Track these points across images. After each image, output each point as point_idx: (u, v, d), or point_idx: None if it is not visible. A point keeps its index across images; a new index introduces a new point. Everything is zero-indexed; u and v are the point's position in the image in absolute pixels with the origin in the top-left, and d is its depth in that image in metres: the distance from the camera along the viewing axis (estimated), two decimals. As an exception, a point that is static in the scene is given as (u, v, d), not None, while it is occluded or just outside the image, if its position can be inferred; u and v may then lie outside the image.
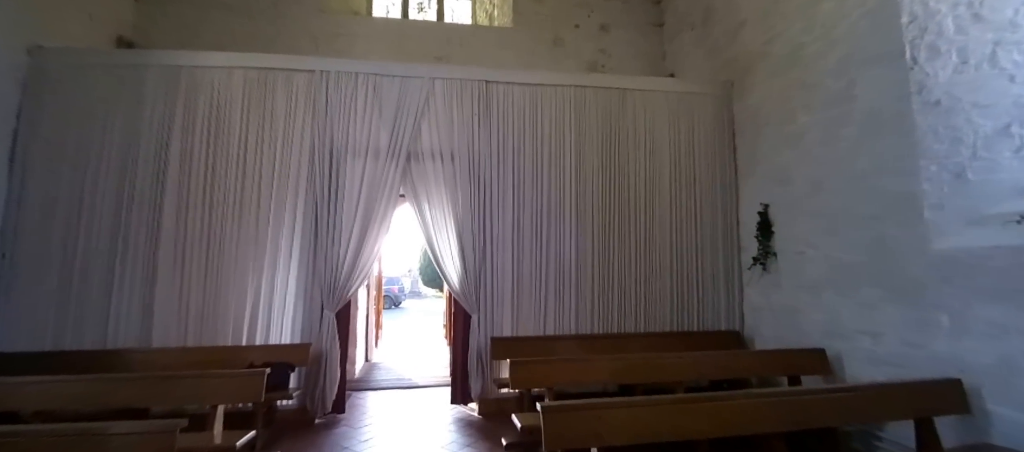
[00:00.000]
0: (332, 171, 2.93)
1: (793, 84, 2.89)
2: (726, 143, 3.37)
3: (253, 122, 2.95)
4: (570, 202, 3.13)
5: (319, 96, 2.98)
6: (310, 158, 2.95)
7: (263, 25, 4.01)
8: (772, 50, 3.07)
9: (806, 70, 2.80)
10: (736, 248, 3.30)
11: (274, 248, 2.87)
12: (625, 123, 3.26)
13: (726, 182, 3.33)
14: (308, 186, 2.93)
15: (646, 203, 3.22)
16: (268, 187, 2.90)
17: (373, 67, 3.04)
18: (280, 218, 2.89)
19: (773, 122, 3.03)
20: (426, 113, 3.06)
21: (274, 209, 2.89)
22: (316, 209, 2.91)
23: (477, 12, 4.87)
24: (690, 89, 3.37)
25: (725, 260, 3.28)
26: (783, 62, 2.97)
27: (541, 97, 3.19)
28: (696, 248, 3.25)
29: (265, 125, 2.96)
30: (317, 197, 2.90)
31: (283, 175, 2.93)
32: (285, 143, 2.96)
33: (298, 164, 2.94)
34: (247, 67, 2.99)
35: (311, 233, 2.91)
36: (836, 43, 2.62)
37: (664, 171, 3.26)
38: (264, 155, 2.93)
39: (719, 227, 3.29)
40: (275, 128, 2.96)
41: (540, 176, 3.12)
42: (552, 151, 3.15)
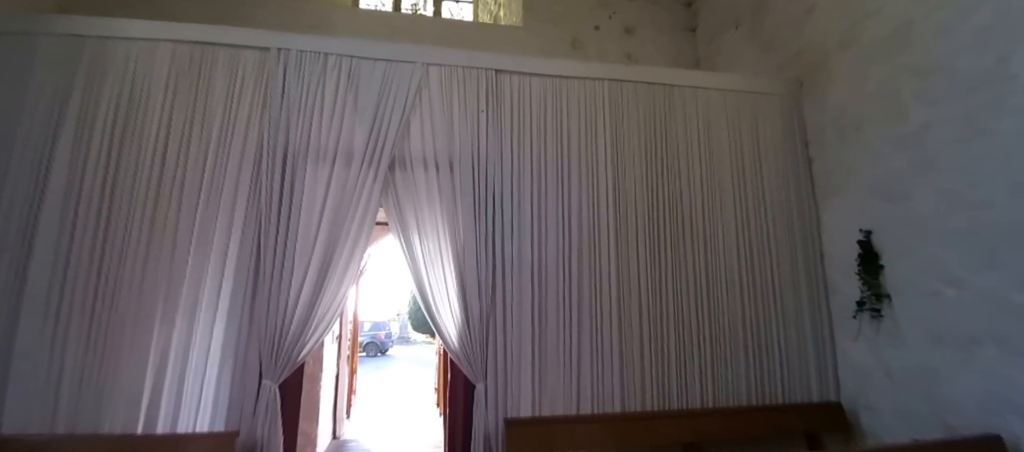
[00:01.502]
0: (285, 180, 2.12)
1: (901, 72, 2.19)
2: (799, 154, 2.64)
3: (179, 113, 2.15)
4: (608, 229, 2.34)
5: (273, 81, 2.21)
6: (255, 162, 2.15)
7: (223, 10, 3.31)
8: (861, 36, 2.40)
9: (920, 53, 2.11)
10: (822, 289, 2.51)
11: (194, 290, 2.00)
12: (673, 128, 2.53)
13: (803, 204, 2.58)
14: (250, 201, 2.11)
15: (705, 231, 2.44)
16: (192, 202, 2.07)
17: (348, 46, 2.30)
18: (206, 246, 2.04)
19: (870, 123, 2.32)
20: (417, 107, 2.30)
21: (198, 234, 2.04)
22: (258, 234, 2.07)
23: (479, 12, 4.24)
24: (751, 87, 2.67)
25: (811, 306, 2.48)
26: (881, 47, 2.29)
27: (567, 93, 2.46)
28: (773, 290, 2.45)
29: (195, 117, 2.16)
30: (261, 217, 2.08)
31: (215, 185, 2.10)
32: (222, 142, 2.15)
33: (238, 171, 2.13)
34: (177, 40, 2.23)
35: (249, 268, 2.05)
36: (969, 11, 1.95)
37: (725, 189, 2.51)
38: (191, 157, 2.11)
39: (800, 262, 2.51)
40: (209, 121, 2.16)
41: (567, 193, 2.34)
42: (582, 160, 2.39)
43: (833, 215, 2.52)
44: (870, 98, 2.32)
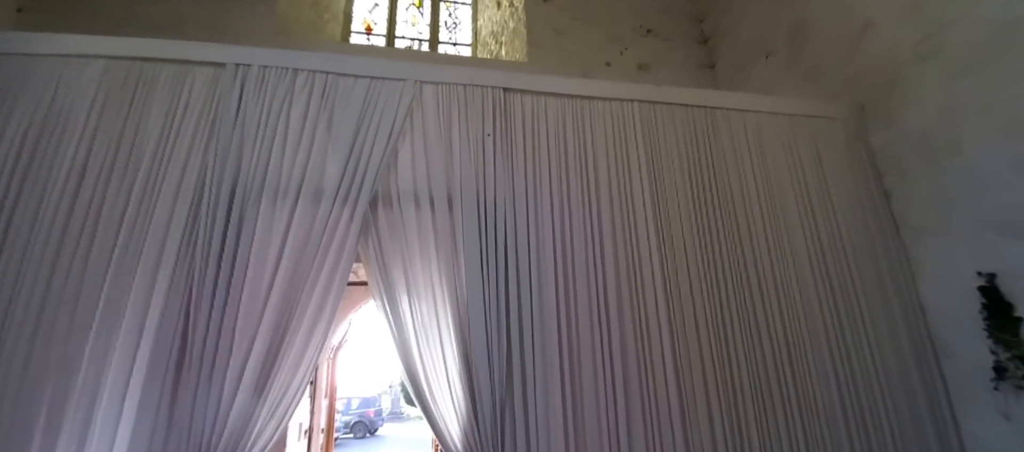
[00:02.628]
0: (230, 224, 1.60)
1: (1013, 80, 1.77)
2: (872, 187, 2.17)
3: (102, 142, 1.67)
4: (654, 279, 1.80)
5: (226, 102, 1.75)
6: (192, 203, 1.63)
7: (199, 13, 2.96)
8: (943, 47, 2.00)
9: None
10: (930, 353, 1.94)
11: (96, 376, 1.43)
12: (721, 156, 2.06)
13: (888, 246, 2.07)
14: (181, 255, 1.57)
15: (776, 279, 1.91)
16: (103, 257, 1.54)
17: (324, 61, 1.87)
18: (114, 320, 1.48)
19: (976, 144, 1.86)
20: (408, 131, 1.83)
21: (107, 302, 1.48)
22: (188, 299, 1.52)
23: (478, 52, 3.95)
24: (807, 111, 2.25)
25: (921, 375, 1.90)
26: (976, 56, 1.88)
27: (590, 115, 2.01)
28: (871, 355, 1.88)
29: (122, 146, 1.67)
30: (194, 275, 1.53)
31: (136, 234, 1.57)
32: (152, 176, 1.65)
33: (168, 214, 1.61)
34: (112, 56, 1.80)
35: (172, 348, 1.48)
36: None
37: (793, 229, 2.00)
38: (108, 198, 1.60)
39: (897, 318, 1.96)
40: (139, 151, 1.68)
41: (598, 233, 1.83)
42: (615, 194, 1.89)
43: (930, 258, 2.00)
44: (971, 115, 1.88)
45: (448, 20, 4.64)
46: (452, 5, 4.68)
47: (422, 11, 4.61)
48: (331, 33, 3.77)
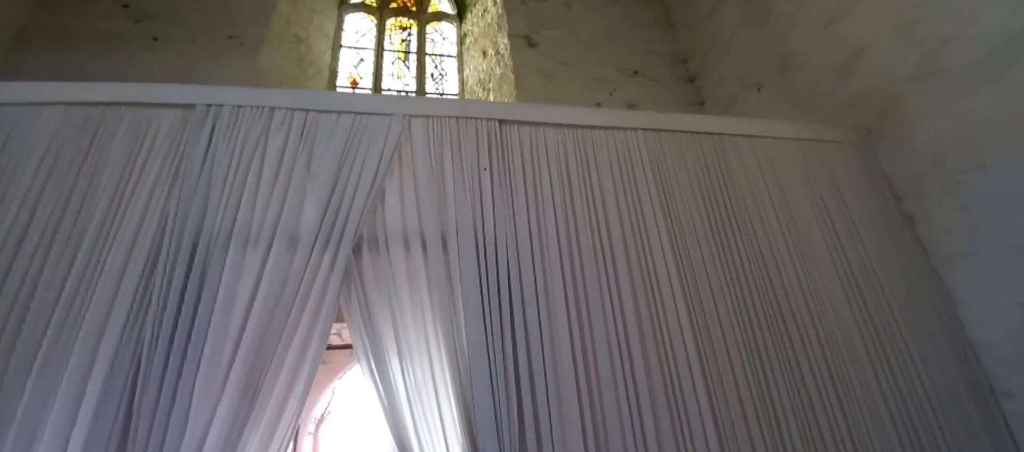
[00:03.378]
0: (190, 279, 1.38)
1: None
2: (896, 213, 2.05)
3: (51, 194, 1.47)
4: (681, 322, 1.59)
5: (194, 144, 1.58)
6: (148, 258, 1.41)
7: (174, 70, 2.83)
8: (943, 64, 1.95)
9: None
10: (989, 395, 1.74)
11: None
12: (734, 185, 1.92)
13: (923, 277, 1.91)
14: (130, 320, 1.32)
15: (812, 315, 1.71)
16: (38, 328, 1.29)
17: (302, 98, 1.72)
18: (42, 404, 1.22)
19: (999, 160, 1.76)
20: (396, 167, 1.67)
21: (36, 382, 1.23)
22: (136, 366, 1.27)
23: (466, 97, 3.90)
24: (817, 135, 2.16)
25: (986, 423, 1.68)
26: (981, 70, 1.82)
27: (593, 144, 1.88)
28: (927, 402, 1.66)
29: (73, 197, 1.47)
30: (143, 345, 1.29)
31: (80, 297, 1.34)
32: (105, 230, 1.44)
33: (119, 273, 1.38)
34: (70, 102, 1.63)
35: (113, 425, 1.22)
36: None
37: (821, 260, 1.83)
38: (52, 257, 1.38)
39: (948, 354, 1.76)
40: (91, 203, 1.48)
41: (612, 272, 1.63)
42: (628, 226, 1.72)
43: (966, 286, 1.84)
44: (988, 130, 1.79)
45: (434, 72, 4.64)
46: (438, 58, 4.70)
47: (408, 64, 4.62)
48: (316, 88, 3.70)
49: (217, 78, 3.00)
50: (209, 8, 3.29)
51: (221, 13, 3.29)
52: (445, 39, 4.80)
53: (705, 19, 3.75)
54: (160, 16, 3.17)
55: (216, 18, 3.26)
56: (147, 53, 3.05)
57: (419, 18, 4.77)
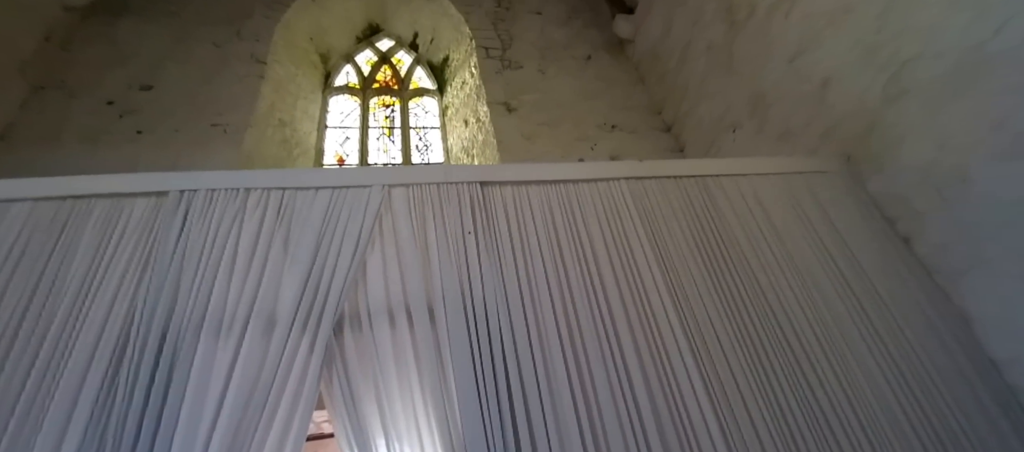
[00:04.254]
0: (158, 371, 1.27)
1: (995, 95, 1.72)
2: (889, 233, 2.01)
3: (12, 296, 1.38)
4: (689, 372, 1.48)
5: (167, 231, 1.52)
6: (114, 355, 1.31)
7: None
8: (913, 83, 2.00)
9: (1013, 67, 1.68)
10: (1016, 409, 1.61)
11: None
12: (725, 225, 1.88)
13: (934, 300, 1.83)
14: (94, 420, 1.21)
15: (823, 347, 1.62)
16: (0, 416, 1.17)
17: (279, 177, 1.70)
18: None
19: (983, 168, 1.75)
20: (377, 238, 1.61)
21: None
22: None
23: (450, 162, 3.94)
24: (798, 168, 2.16)
25: (1021, 437, 1.55)
26: (950, 85, 1.86)
27: (578, 199, 1.85)
28: (956, 424, 1.54)
29: (36, 296, 1.38)
30: (110, 430, 1.17)
31: (40, 404, 1.22)
32: (67, 328, 1.34)
33: (81, 375, 1.27)
34: (39, 198, 1.59)
35: None
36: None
37: (823, 289, 1.75)
38: (11, 361, 1.28)
39: (972, 377, 1.65)
40: (56, 299, 1.39)
41: (611, 328, 1.54)
42: (624, 282, 1.64)
43: (980, 303, 1.77)
44: (968, 142, 1.80)
45: (419, 144, 4.73)
46: (422, 130, 4.81)
47: (393, 139, 4.71)
48: (302, 168, 3.74)
49: (202, 166, 3.01)
50: (194, 99, 3.37)
51: (206, 103, 3.37)
52: (428, 112, 4.95)
53: (673, 72, 3.91)
54: (144, 110, 3.23)
55: (201, 108, 3.34)
56: (131, 146, 3.08)
57: (401, 95, 4.94)
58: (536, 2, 4.88)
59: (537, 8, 4.81)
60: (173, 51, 3.61)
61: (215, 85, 3.49)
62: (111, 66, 3.40)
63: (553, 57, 4.38)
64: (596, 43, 4.61)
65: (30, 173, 1.69)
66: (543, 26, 4.64)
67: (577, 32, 4.67)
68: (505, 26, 4.55)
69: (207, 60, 3.64)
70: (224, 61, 3.67)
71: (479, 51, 4.31)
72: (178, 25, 3.79)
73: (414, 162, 4.48)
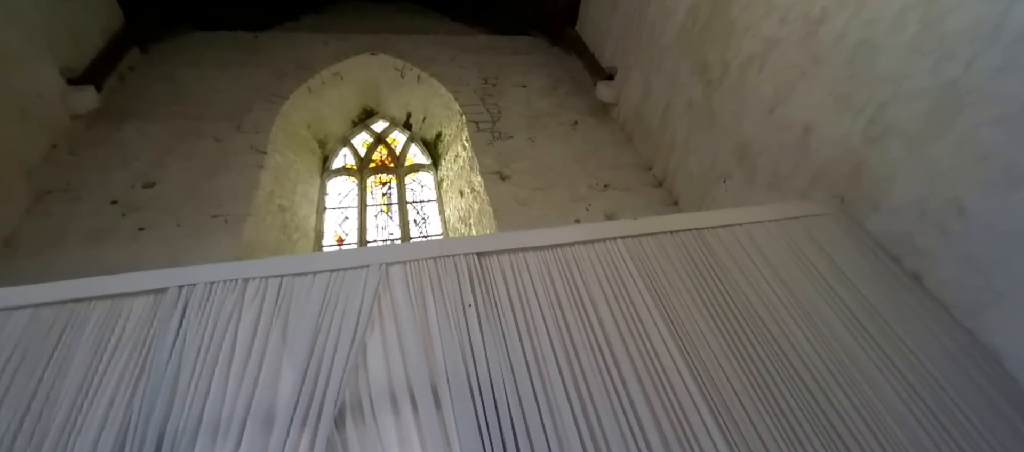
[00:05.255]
0: (147, 487, 1.20)
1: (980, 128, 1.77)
2: (897, 272, 1.98)
3: (7, 409, 1.34)
4: (709, 433, 1.41)
5: (164, 329, 1.50)
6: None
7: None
8: (894, 123, 2.07)
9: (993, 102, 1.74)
10: (1076, 460, 1.51)
11: None
12: (728, 276, 1.86)
13: (953, 333, 1.78)
14: None
15: (850, 396, 1.54)
16: None
17: (277, 265, 1.70)
18: None
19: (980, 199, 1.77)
20: (377, 320, 1.58)
21: None
22: None
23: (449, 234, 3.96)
24: (795, 213, 2.17)
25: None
26: (931, 122, 1.93)
27: (576, 262, 1.84)
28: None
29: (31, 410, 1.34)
30: None
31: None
32: (67, 432, 1.28)
33: (68, 489, 1.21)
34: (39, 304, 1.57)
35: None
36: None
37: (838, 335, 1.70)
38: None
39: (1015, 418, 1.56)
40: (51, 412, 1.34)
41: (625, 395, 1.48)
42: (632, 343, 1.60)
43: (1005, 336, 1.71)
44: (957, 175, 1.83)
45: (417, 217, 4.80)
46: (419, 204, 4.90)
47: (391, 215, 4.78)
48: (302, 252, 3.76)
49: (202, 258, 3.02)
50: (195, 193, 3.45)
51: (207, 196, 3.45)
52: (424, 186, 5.06)
53: (658, 130, 4.05)
54: (147, 207, 3.30)
55: (202, 201, 3.41)
56: (133, 243, 3.10)
57: (397, 172, 5.08)
58: (520, 76, 5.16)
59: (522, 82, 5.08)
60: (176, 148, 3.75)
61: (216, 178, 3.59)
62: (116, 167, 3.51)
63: (541, 125, 4.56)
64: (581, 109, 4.82)
65: (33, 278, 1.69)
66: (529, 98, 4.88)
67: (561, 100, 4.89)
68: (493, 100, 4.77)
69: (209, 154, 3.77)
70: (225, 154, 3.80)
71: (470, 125, 4.49)
72: (181, 123, 3.97)
73: (413, 236, 4.52)
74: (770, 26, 2.78)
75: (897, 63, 2.08)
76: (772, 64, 2.78)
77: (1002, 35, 1.71)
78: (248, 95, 4.39)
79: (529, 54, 5.55)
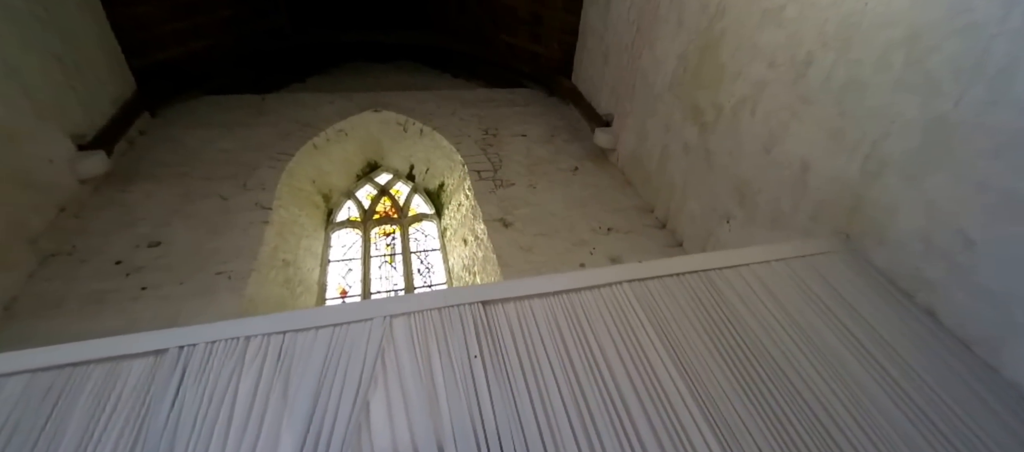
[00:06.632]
0: None
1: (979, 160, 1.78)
2: (910, 308, 1.94)
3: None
4: (731, 488, 1.33)
5: (163, 392, 1.46)
6: (90, 546, 1.18)
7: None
8: (889, 157, 2.09)
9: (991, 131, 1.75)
10: None
11: None
12: (737, 317, 1.82)
13: (973, 369, 1.71)
14: None
15: (869, 436, 1.46)
16: None
17: (279, 322, 1.68)
18: None
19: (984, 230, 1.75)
20: (381, 375, 1.54)
21: None
22: None
23: (453, 283, 3.92)
24: (802, 252, 2.15)
25: None
26: (925, 155, 1.95)
27: (583, 308, 1.81)
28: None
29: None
30: None
31: None
32: None
33: None
34: (35, 369, 1.54)
35: None
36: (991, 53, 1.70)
37: (856, 375, 1.64)
38: None
39: (1052, 462, 1.48)
40: (35, 488, 1.29)
41: (637, 445, 1.41)
42: (643, 392, 1.54)
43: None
44: (961, 206, 1.83)
45: (421, 267, 4.78)
46: (423, 254, 4.90)
47: (395, 265, 4.77)
48: (305, 306, 3.73)
49: (204, 316, 2.99)
50: (199, 250, 3.46)
51: (211, 253, 3.46)
52: (427, 236, 5.08)
53: (656, 173, 4.11)
54: (151, 266, 3.30)
55: (206, 258, 3.42)
56: (134, 304, 3.08)
57: (401, 223, 5.12)
58: (519, 126, 5.30)
59: (521, 131, 5.21)
60: (182, 208, 3.80)
61: (221, 235, 3.62)
62: (121, 228, 3.55)
63: (542, 172, 4.63)
64: (580, 155, 4.91)
65: (33, 342, 1.66)
66: (528, 146, 4.98)
67: (560, 147, 5.00)
68: (494, 150, 4.88)
69: (214, 213, 3.82)
70: (229, 212, 3.85)
71: (472, 174, 4.56)
72: (187, 184, 4.05)
73: (417, 285, 4.49)
74: (759, 70, 2.88)
75: (882, 101, 2.13)
76: (763, 106, 2.85)
77: (986, 70, 1.76)
78: (254, 154, 4.50)
79: (527, 105, 5.72)
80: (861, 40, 2.25)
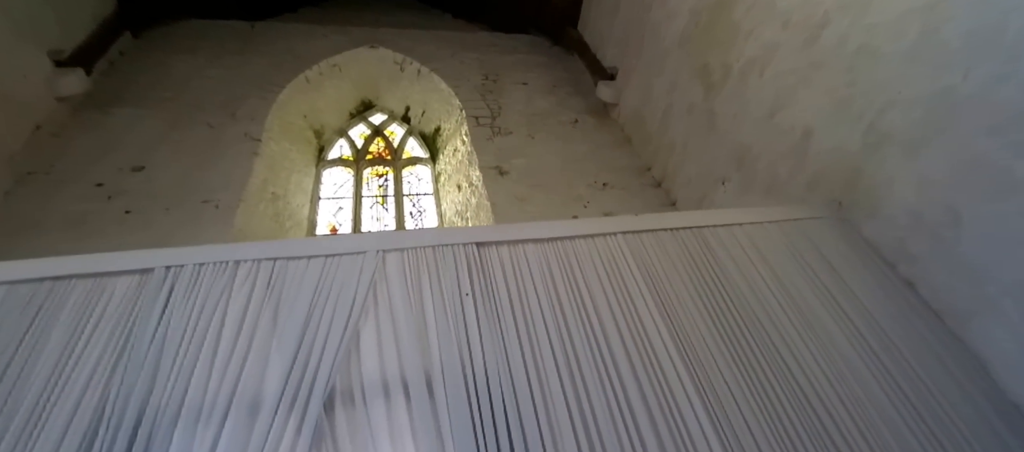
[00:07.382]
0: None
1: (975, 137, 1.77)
2: (892, 278, 1.98)
3: (-27, 391, 1.29)
4: (705, 435, 1.39)
5: (147, 311, 1.45)
6: (85, 439, 1.20)
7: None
8: (890, 129, 2.07)
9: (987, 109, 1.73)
10: (1070, 469, 1.51)
11: None
12: (727, 276, 1.84)
13: (943, 340, 1.77)
14: None
15: (848, 410, 1.52)
16: None
17: (270, 248, 1.66)
18: None
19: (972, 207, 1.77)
20: (372, 308, 1.54)
21: None
22: None
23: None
24: (794, 215, 2.16)
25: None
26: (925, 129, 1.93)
27: (576, 256, 1.82)
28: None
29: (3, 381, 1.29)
30: None
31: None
32: (38, 413, 1.23)
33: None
34: (14, 281, 1.51)
35: None
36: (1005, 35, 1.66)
37: (834, 338, 1.69)
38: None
39: (1001, 429, 1.56)
40: (25, 384, 1.28)
41: (622, 394, 1.45)
42: (629, 340, 1.57)
43: (993, 345, 1.70)
44: (952, 182, 1.83)
45: (413, 210, 4.75)
46: (415, 197, 4.86)
47: (387, 207, 4.73)
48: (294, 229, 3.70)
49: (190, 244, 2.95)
50: (186, 178, 3.38)
51: (198, 181, 3.38)
52: (421, 180, 5.02)
53: (658, 132, 4.05)
54: (135, 191, 3.22)
55: (193, 187, 3.34)
56: (119, 228, 3.03)
57: (395, 165, 5.03)
58: (521, 74, 5.14)
59: (523, 79, 5.06)
60: (167, 134, 3.68)
61: (208, 165, 3.52)
62: (103, 151, 3.43)
63: (541, 123, 4.54)
64: (581, 109, 4.81)
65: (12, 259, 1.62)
66: (529, 96, 4.86)
67: (562, 99, 4.88)
68: (494, 97, 4.75)
69: (201, 141, 3.70)
70: (218, 141, 3.73)
71: (470, 120, 4.46)
72: (173, 110, 3.89)
73: (408, 228, 4.47)
74: (772, 30, 2.79)
75: (893, 72, 2.09)
76: (773, 69, 2.78)
77: (1001, 44, 1.71)
78: (243, 84, 4.32)
79: (530, 53, 5.53)
80: (879, 3, 2.18)
